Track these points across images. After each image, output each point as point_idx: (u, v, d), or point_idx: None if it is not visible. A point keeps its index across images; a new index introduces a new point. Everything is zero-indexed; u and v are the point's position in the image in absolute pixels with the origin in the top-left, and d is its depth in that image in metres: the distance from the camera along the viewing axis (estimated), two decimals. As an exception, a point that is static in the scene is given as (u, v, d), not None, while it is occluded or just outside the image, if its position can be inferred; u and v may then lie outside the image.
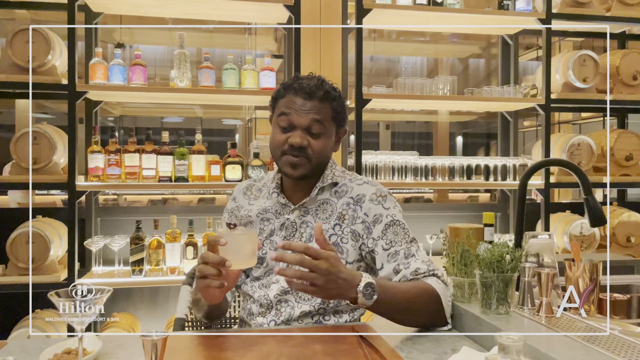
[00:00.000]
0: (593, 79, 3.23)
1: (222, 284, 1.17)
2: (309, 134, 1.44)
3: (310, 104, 1.43)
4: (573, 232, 3.23)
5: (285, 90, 1.47)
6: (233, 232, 1.20)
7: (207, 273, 1.17)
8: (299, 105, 1.43)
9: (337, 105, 1.49)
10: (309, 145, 1.44)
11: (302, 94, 1.44)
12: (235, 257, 1.18)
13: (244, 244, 1.19)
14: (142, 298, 3.15)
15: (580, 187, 1.60)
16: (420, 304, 1.30)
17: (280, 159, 1.46)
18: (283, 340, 1.24)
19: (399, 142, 9.37)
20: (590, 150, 3.28)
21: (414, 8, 2.97)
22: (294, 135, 1.43)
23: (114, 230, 3.07)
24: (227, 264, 1.16)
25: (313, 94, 1.43)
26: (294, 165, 1.44)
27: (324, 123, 1.45)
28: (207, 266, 1.18)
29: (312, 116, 1.43)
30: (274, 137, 1.47)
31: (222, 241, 1.16)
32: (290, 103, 1.44)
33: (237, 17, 3.23)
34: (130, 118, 7.61)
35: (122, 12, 3.24)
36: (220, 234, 1.19)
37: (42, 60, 2.67)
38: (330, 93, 1.46)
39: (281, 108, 1.46)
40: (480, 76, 7.05)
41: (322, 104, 1.45)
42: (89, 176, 2.73)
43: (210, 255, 1.18)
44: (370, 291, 1.20)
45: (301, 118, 1.43)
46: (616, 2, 3.29)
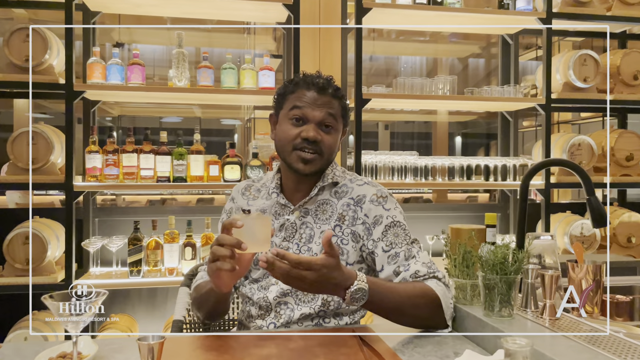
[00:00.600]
0: (594, 79, 3.21)
1: (234, 267, 1.17)
2: (321, 128, 1.44)
3: (324, 98, 1.44)
4: (573, 233, 3.22)
5: (294, 85, 1.47)
6: (248, 217, 1.21)
7: (221, 254, 1.17)
8: (313, 99, 1.43)
9: (344, 104, 1.51)
10: (321, 140, 1.43)
11: (314, 88, 1.44)
12: (250, 241, 1.17)
13: (260, 228, 1.19)
14: (140, 299, 3.13)
15: (582, 187, 1.59)
16: (417, 306, 1.28)
17: (290, 154, 1.44)
18: (283, 343, 1.22)
19: (398, 142, 9.36)
20: (591, 151, 3.26)
21: (414, 7, 2.95)
22: (308, 129, 1.42)
23: (111, 230, 3.04)
24: (243, 247, 1.15)
25: (325, 89, 1.44)
26: (306, 161, 1.42)
27: (336, 118, 1.46)
28: (221, 248, 1.17)
29: (327, 110, 1.43)
30: (285, 131, 1.45)
31: (238, 223, 1.16)
32: (303, 96, 1.43)
33: (236, 16, 3.21)
34: (129, 118, 7.59)
35: (121, 11, 3.22)
36: (235, 217, 1.19)
37: (39, 60, 2.65)
38: (339, 90, 1.48)
39: (294, 101, 1.44)
40: (479, 76, 7.04)
41: (334, 100, 1.46)
42: (87, 176, 2.71)
43: (226, 237, 1.17)
44: (361, 295, 1.21)
45: (315, 111, 1.42)
46: (617, 2, 3.27)
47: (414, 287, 1.31)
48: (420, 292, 1.29)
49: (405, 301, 1.27)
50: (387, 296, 1.26)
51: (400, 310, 1.28)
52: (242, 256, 1.21)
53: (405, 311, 1.28)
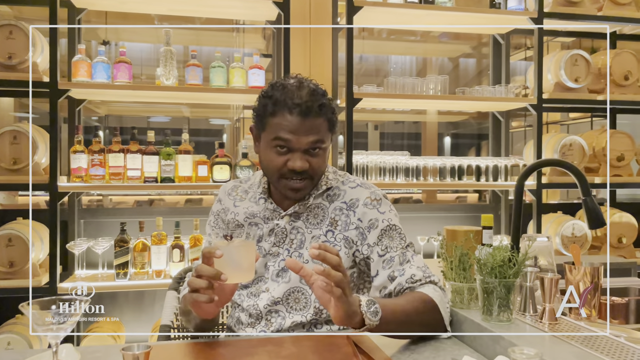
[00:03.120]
0: (585, 79, 3.20)
1: (212, 298, 1.09)
2: (309, 154, 1.34)
3: (308, 122, 1.30)
4: (565, 233, 3.21)
5: (274, 105, 1.31)
6: (230, 244, 1.12)
7: (197, 286, 1.10)
8: (296, 126, 1.29)
9: (331, 113, 1.36)
10: (310, 166, 1.34)
11: (297, 111, 1.29)
12: (232, 271, 1.10)
13: (242, 256, 1.12)
14: (127, 302, 3.06)
15: (578, 188, 1.56)
16: (420, 316, 1.23)
17: (278, 181, 1.36)
18: (274, 350, 1.17)
19: (388, 143, 9.34)
20: (582, 151, 3.26)
21: (405, 6, 2.92)
22: (294, 159, 1.31)
23: (97, 232, 2.98)
24: (223, 278, 1.08)
25: (309, 111, 1.29)
26: (295, 190, 1.35)
27: (323, 139, 1.34)
28: (198, 279, 1.10)
29: (312, 137, 1.31)
30: (270, 159, 1.34)
31: (217, 253, 1.08)
32: (286, 124, 1.29)
33: (224, 14, 3.16)
34: (116, 117, 7.48)
35: (107, 8, 3.16)
36: (216, 245, 1.11)
37: (22, 57, 2.59)
38: (324, 104, 1.33)
39: (276, 130, 1.31)
40: (469, 76, 7.04)
41: (319, 119, 1.32)
42: (72, 177, 2.65)
43: (205, 267, 1.10)
44: (374, 308, 1.11)
45: (301, 139, 1.30)
46: (607, 2, 3.27)
47: (414, 298, 1.25)
48: (420, 301, 1.25)
49: (412, 312, 1.21)
50: (396, 311, 1.19)
51: (408, 323, 1.20)
52: (224, 285, 1.13)
53: (412, 322, 1.21)
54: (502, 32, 3.45)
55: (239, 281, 1.16)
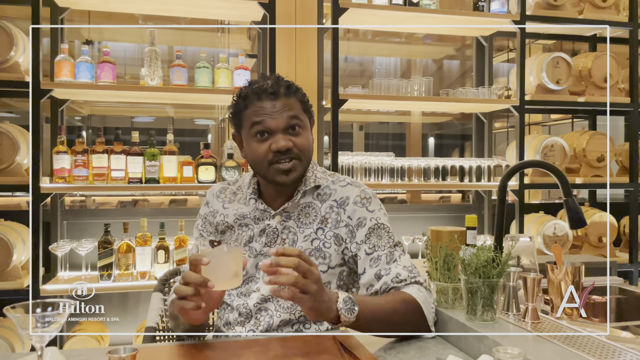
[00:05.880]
0: (566, 81, 3.25)
1: (199, 305, 1.10)
2: (289, 134, 1.37)
3: (280, 102, 1.35)
4: (547, 233, 3.25)
5: (245, 99, 1.38)
6: (217, 251, 1.12)
7: (184, 294, 1.10)
8: (270, 108, 1.35)
9: (302, 96, 1.42)
10: (294, 145, 1.36)
11: (266, 95, 1.35)
12: (219, 278, 1.10)
13: (228, 263, 1.11)
14: (111, 304, 3.04)
15: (560, 188, 1.59)
16: (401, 316, 1.25)
17: (268, 170, 1.37)
18: (262, 351, 1.18)
19: (373, 143, 9.38)
20: (564, 152, 3.31)
21: (390, 8, 2.94)
22: (276, 140, 1.34)
23: (81, 233, 2.94)
24: (210, 285, 1.08)
25: (277, 92, 1.35)
26: (286, 172, 1.36)
27: (299, 117, 1.38)
28: (185, 287, 1.10)
29: (287, 113, 1.36)
30: (254, 150, 1.37)
31: (204, 260, 1.09)
32: (259, 109, 1.35)
33: (209, 14, 3.15)
34: (99, 118, 7.41)
35: (90, 7, 3.12)
36: (203, 252, 1.11)
37: (4, 56, 2.55)
38: (291, 85, 1.39)
39: (251, 117, 1.36)
40: (453, 77, 7.10)
41: (290, 99, 1.37)
42: (55, 178, 2.62)
43: (192, 275, 1.10)
44: (351, 305, 1.15)
45: (277, 120, 1.35)
46: (588, 5, 3.32)
47: (395, 297, 1.27)
48: (402, 301, 1.26)
49: (390, 311, 1.23)
50: (375, 309, 1.21)
51: (386, 322, 1.23)
52: (212, 291, 1.13)
53: (390, 321, 1.23)
54: (485, 34, 3.49)
55: (226, 288, 1.16)
